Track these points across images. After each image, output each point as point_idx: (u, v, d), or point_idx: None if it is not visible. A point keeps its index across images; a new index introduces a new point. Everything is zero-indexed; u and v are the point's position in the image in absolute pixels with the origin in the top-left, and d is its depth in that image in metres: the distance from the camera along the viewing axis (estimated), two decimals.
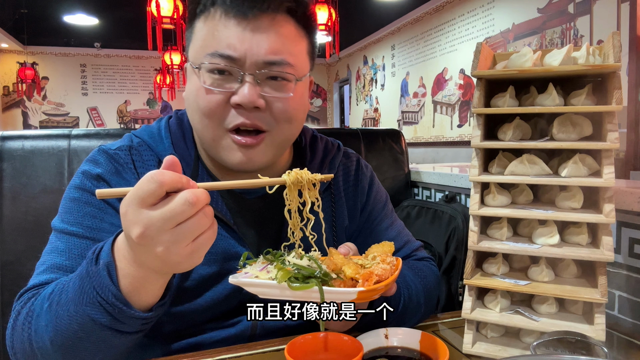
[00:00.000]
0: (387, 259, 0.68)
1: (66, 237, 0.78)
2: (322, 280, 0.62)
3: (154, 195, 0.53)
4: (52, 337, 0.65)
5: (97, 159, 0.83)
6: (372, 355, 0.70)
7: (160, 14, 4.18)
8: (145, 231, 0.54)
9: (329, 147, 0.99)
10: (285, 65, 0.77)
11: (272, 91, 0.78)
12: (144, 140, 0.87)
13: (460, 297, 1.40)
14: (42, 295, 0.70)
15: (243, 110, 0.77)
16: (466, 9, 5.58)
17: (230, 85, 0.76)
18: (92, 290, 0.62)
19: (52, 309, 0.66)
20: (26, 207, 1.20)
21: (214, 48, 0.75)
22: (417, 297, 0.88)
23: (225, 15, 0.75)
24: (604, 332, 0.72)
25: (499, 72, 0.79)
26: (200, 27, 0.78)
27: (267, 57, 0.76)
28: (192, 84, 0.80)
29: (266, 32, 0.76)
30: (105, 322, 0.63)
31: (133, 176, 0.82)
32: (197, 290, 0.83)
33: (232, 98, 0.76)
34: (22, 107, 8.80)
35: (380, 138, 1.70)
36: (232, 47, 0.75)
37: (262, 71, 0.76)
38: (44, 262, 0.77)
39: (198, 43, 0.78)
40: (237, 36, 0.75)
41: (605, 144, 0.72)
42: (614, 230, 0.97)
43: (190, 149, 0.87)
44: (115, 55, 9.21)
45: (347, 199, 0.98)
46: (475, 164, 0.80)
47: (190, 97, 0.80)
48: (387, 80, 7.77)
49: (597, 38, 3.79)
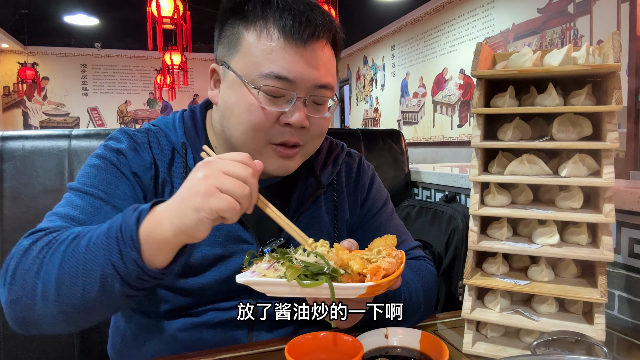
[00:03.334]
0: (393, 252, 0.68)
1: (82, 195, 0.82)
2: (331, 276, 0.63)
3: (240, 170, 0.65)
4: (58, 275, 0.66)
5: (118, 137, 0.89)
6: (372, 355, 0.71)
7: (160, 14, 4.19)
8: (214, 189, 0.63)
9: (333, 146, 1.05)
10: (330, 89, 0.86)
11: (315, 112, 0.86)
12: (160, 128, 0.93)
13: (460, 297, 1.40)
14: (69, 232, 0.71)
15: (291, 129, 0.83)
16: (466, 9, 5.58)
17: (281, 105, 0.82)
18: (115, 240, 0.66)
19: (78, 246, 0.68)
20: (26, 207, 1.20)
21: (272, 69, 0.80)
22: (417, 296, 0.88)
23: (285, 39, 0.80)
24: (604, 332, 0.72)
25: (499, 72, 0.79)
26: (253, 41, 0.81)
27: (319, 82, 0.83)
28: (241, 96, 0.83)
29: (319, 58, 0.83)
30: (123, 271, 0.65)
31: (148, 155, 0.88)
32: (200, 269, 0.87)
33: (282, 118, 0.82)
34: (23, 107, 8.81)
35: (380, 138, 1.70)
36: (290, 72, 0.80)
37: (312, 95, 0.83)
38: (57, 212, 0.80)
39: (250, 58, 0.81)
40: (295, 61, 0.80)
41: (605, 144, 0.72)
42: (614, 230, 0.98)
43: (202, 139, 0.93)
44: (115, 55, 9.21)
45: (349, 194, 1.02)
46: (475, 164, 0.80)
47: (237, 109, 0.83)
48: (387, 80, 7.77)
49: (597, 38, 3.79)
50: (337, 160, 1.02)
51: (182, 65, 6.05)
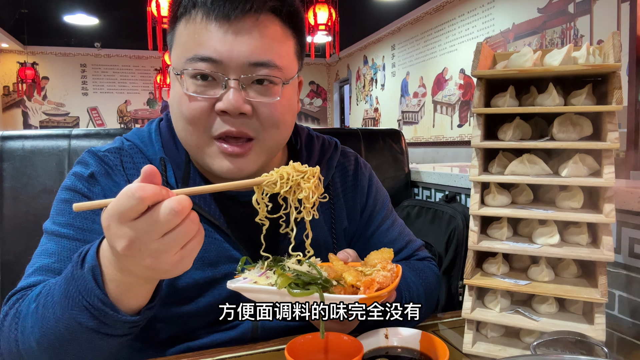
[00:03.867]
0: (388, 266, 0.67)
1: (57, 239, 0.77)
2: (322, 287, 0.62)
3: (135, 211, 0.52)
4: (38, 339, 0.64)
5: (86, 161, 0.83)
6: (372, 355, 0.70)
7: (160, 14, 4.18)
8: (131, 244, 0.53)
9: (325, 147, 0.97)
10: (272, 67, 0.75)
11: (258, 96, 0.76)
12: (134, 144, 0.85)
13: (460, 297, 1.40)
14: (30, 297, 0.69)
15: (229, 117, 0.74)
16: (466, 9, 5.58)
17: (214, 91, 0.74)
18: (77, 294, 0.61)
19: (39, 311, 0.65)
20: (26, 207, 1.20)
21: (195, 52, 0.73)
22: (418, 299, 0.88)
23: (207, 18, 0.73)
24: (604, 332, 0.72)
25: (499, 72, 0.79)
26: (182, 30, 0.76)
27: (252, 58, 0.73)
28: (175, 90, 0.77)
29: (250, 33, 0.73)
30: (91, 325, 0.62)
31: (122, 178, 0.81)
32: (192, 295, 0.82)
33: (217, 105, 0.74)
34: (22, 107, 8.80)
35: (380, 138, 1.70)
36: (214, 50, 0.72)
37: (247, 75, 0.74)
38: (34, 263, 0.76)
39: (179, 47, 0.76)
40: (219, 38, 0.72)
41: (606, 144, 0.72)
42: (614, 230, 0.97)
43: (181, 151, 0.85)
44: (115, 55, 9.21)
45: (346, 200, 0.96)
46: (475, 163, 0.80)
47: (174, 104, 0.78)
48: (387, 80, 7.77)
49: (597, 38, 3.79)
50: (331, 162, 0.95)
51: None
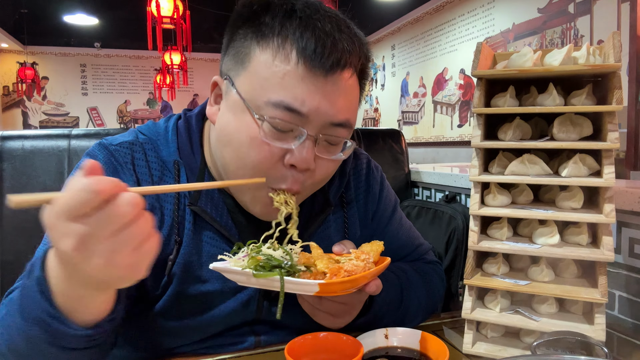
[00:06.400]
0: (362, 256, 0.68)
1: None
2: (287, 271, 0.64)
3: (89, 206, 0.44)
4: (8, 345, 0.61)
5: (95, 154, 0.77)
6: (372, 355, 0.70)
7: (160, 14, 4.19)
8: (81, 242, 0.45)
9: None
10: (348, 128, 0.72)
11: (325, 153, 0.72)
12: (150, 138, 0.80)
13: (460, 297, 1.40)
14: (5, 301, 0.66)
15: (295, 171, 0.70)
16: (466, 9, 5.58)
17: (288, 141, 0.68)
18: (28, 306, 0.56)
19: (6, 320, 0.62)
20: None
21: (282, 98, 0.66)
22: (419, 300, 0.88)
23: (303, 64, 0.66)
24: (604, 332, 0.72)
25: (499, 72, 0.79)
26: (265, 60, 0.67)
27: (335, 119, 0.69)
28: (241, 124, 0.69)
29: (339, 92, 0.69)
30: (45, 338, 0.56)
31: (131, 178, 0.75)
32: (199, 307, 0.79)
33: (287, 157, 0.69)
34: (22, 107, 8.79)
35: (380, 138, 1.70)
36: (303, 104, 0.66)
37: (325, 134, 0.70)
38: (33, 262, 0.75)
39: (258, 79, 0.68)
40: (311, 92, 0.66)
41: (606, 144, 0.72)
42: (614, 230, 0.97)
43: (197, 156, 0.80)
44: (115, 55, 9.20)
45: (359, 207, 0.93)
46: (475, 164, 0.80)
47: (236, 139, 0.70)
48: (387, 80, 7.77)
49: (597, 38, 3.78)
50: (344, 169, 0.90)
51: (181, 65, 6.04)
